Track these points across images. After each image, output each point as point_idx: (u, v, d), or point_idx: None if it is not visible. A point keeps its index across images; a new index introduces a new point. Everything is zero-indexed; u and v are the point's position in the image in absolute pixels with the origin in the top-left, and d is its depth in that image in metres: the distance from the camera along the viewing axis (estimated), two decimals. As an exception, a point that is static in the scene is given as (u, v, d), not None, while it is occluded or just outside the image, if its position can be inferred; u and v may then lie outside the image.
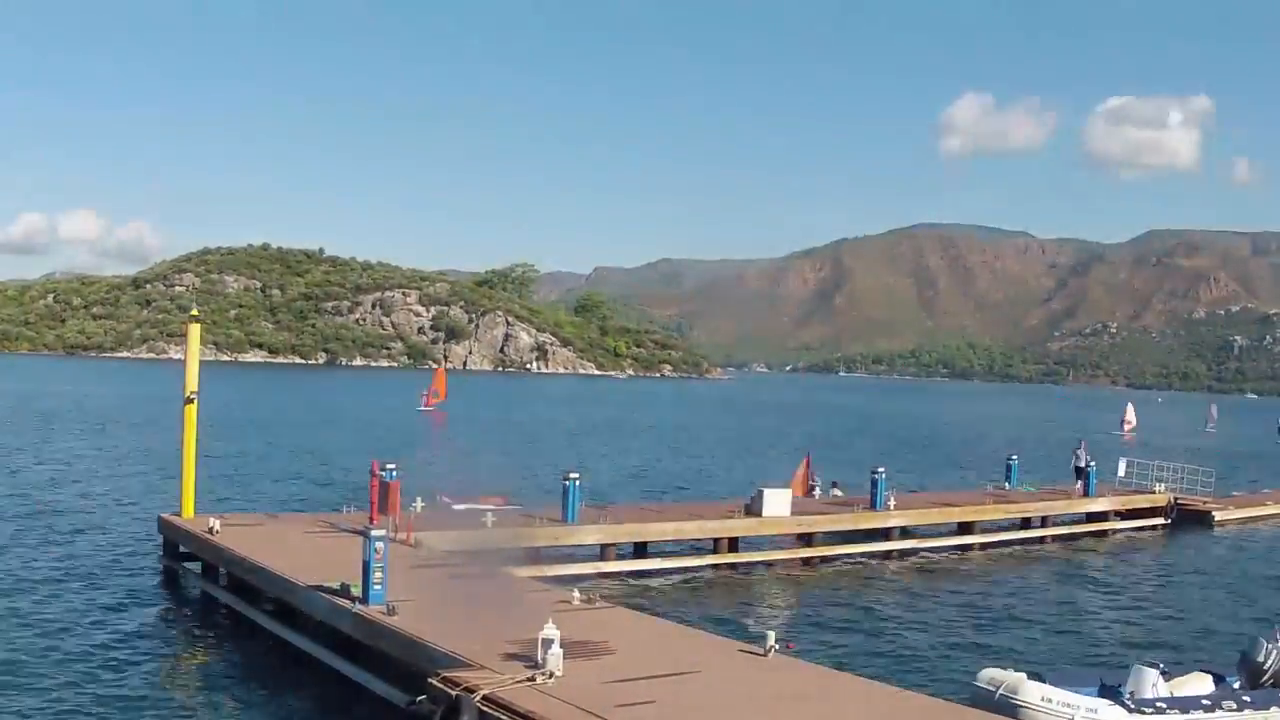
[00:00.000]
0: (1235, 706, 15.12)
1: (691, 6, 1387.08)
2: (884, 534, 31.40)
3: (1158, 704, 14.78)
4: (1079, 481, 38.53)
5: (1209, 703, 15.09)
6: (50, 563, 24.51)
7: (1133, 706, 14.60)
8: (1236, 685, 15.73)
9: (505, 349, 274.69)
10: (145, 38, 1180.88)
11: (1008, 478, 40.59)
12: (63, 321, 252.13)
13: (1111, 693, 15.13)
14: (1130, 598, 27.03)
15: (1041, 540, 34.98)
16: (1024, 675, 15.11)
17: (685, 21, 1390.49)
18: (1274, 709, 15.32)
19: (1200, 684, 15.77)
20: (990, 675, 15.23)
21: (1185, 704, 14.93)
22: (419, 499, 25.60)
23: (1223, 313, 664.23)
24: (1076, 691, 14.82)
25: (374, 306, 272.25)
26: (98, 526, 29.45)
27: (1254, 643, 16.34)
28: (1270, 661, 15.79)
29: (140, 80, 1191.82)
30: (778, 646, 15.16)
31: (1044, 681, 14.95)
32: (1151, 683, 15.16)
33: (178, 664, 17.86)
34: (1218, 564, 32.78)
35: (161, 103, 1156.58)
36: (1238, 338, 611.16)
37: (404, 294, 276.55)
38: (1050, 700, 14.41)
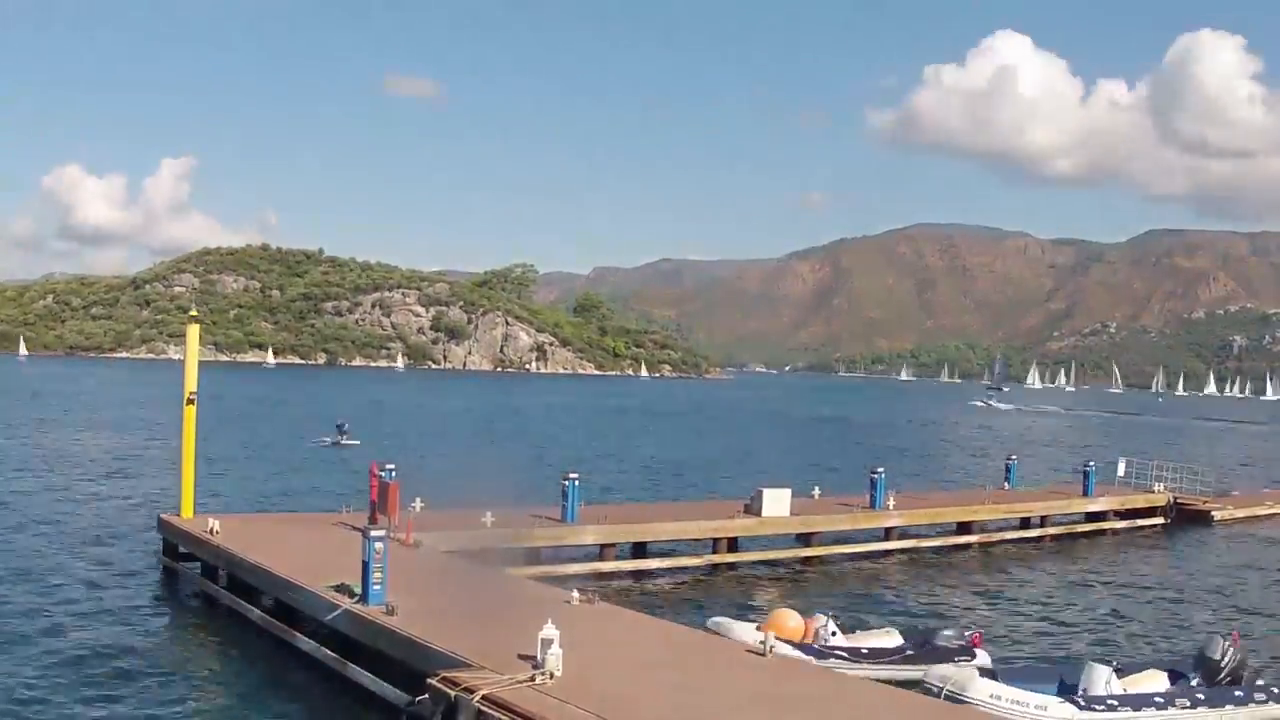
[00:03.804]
0: (1189, 704, 15.23)
1: (691, 7, 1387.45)
2: (883, 534, 31.42)
3: (1109, 701, 14.86)
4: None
5: (1162, 700, 15.20)
6: (50, 562, 24.51)
7: (1083, 704, 14.63)
8: (1194, 683, 15.86)
9: (504, 349, 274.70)
10: (141, 36, 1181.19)
11: (1007, 478, 40.64)
12: (62, 322, 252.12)
13: (1070, 690, 15.21)
14: (1128, 597, 27.02)
15: (1040, 540, 34.99)
16: (974, 671, 15.15)
17: (685, 22, 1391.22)
18: (1228, 707, 15.50)
19: (1155, 682, 15.90)
20: (940, 672, 15.24)
21: (1138, 701, 15.04)
22: (418, 499, 25.60)
23: (1222, 313, 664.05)
24: (1033, 688, 14.87)
25: (373, 307, 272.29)
26: (97, 527, 29.44)
27: (1210, 641, 16.63)
28: (1226, 660, 16.02)
29: (139, 80, 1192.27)
30: (774, 645, 15.18)
31: (996, 678, 14.97)
32: (1104, 680, 15.29)
33: (177, 664, 17.82)
34: (1216, 563, 32.79)
35: (161, 103, 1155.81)
36: (1237, 338, 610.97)
37: (403, 294, 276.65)
38: (999, 697, 14.40)
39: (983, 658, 17.76)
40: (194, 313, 27.46)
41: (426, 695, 13.46)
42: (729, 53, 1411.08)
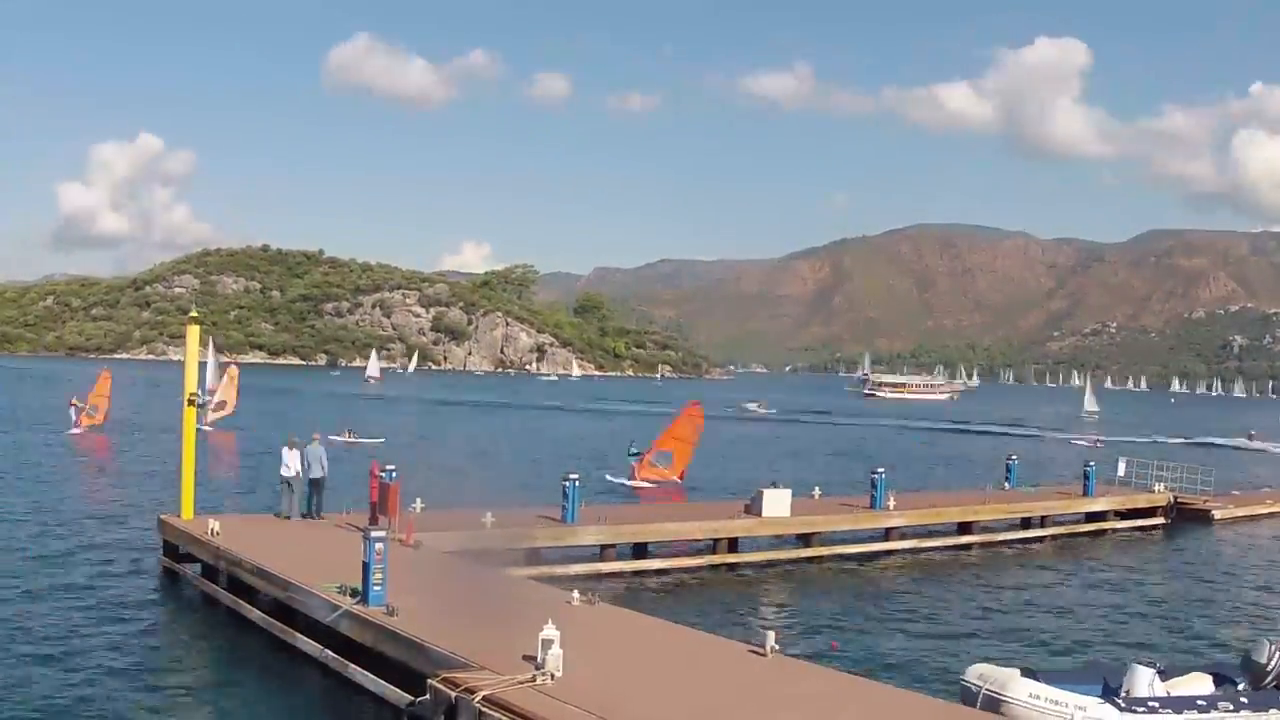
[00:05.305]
0: (1232, 708, 14.80)
1: (691, 6, 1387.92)
2: (884, 534, 31.43)
3: (1150, 703, 14.52)
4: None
5: (1204, 703, 14.80)
6: (50, 563, 24.49)
7: (1124, 705, 14.34)
8: (1240, 686, 15.44)
9: (505, 350, 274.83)
10: (138, 37, 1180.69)
11: (1007, 478, 40.64)
12: (63, 323, 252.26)
13: (1111, 692, 15.00)
14: (1130, 597, 27.02)
15: (1041, 540, 34.98)
16: (1014, 671, 14.97)
17: (685, 21, 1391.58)
18: (1273, 711, 15.00)
19: (1200, 684, 15.48)
20: (979, 671, 15.05)
21: (1179, 704, 14.66)
22: (419, 500, 25.63)
23: (1222, 312, 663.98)
24: (1073, 689, 14.71)
25: (374, 307, 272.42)
26: (97, 527, 29.44)
27: (1257, 644, 16.05)
28: (1274, 663, 15.44)
29: (139, 82, 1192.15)
30: (778, 646, 15.17)
31: (1037, 678, 14.81)
32: (1147, 682, 14.91)
33: (178, 665, 17.85)
34: (1218, 563, 32.78)
35: (161, 103, 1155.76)
36: (1237, 337, 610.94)
37: (404, 295, 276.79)
38: (1038, 697, 14.17)
39: None
40: (194, 314, 27.46)
41: (427, 696, 13.49)
42: (729, 50, 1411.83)
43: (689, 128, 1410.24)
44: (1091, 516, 37.88)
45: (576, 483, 26.54)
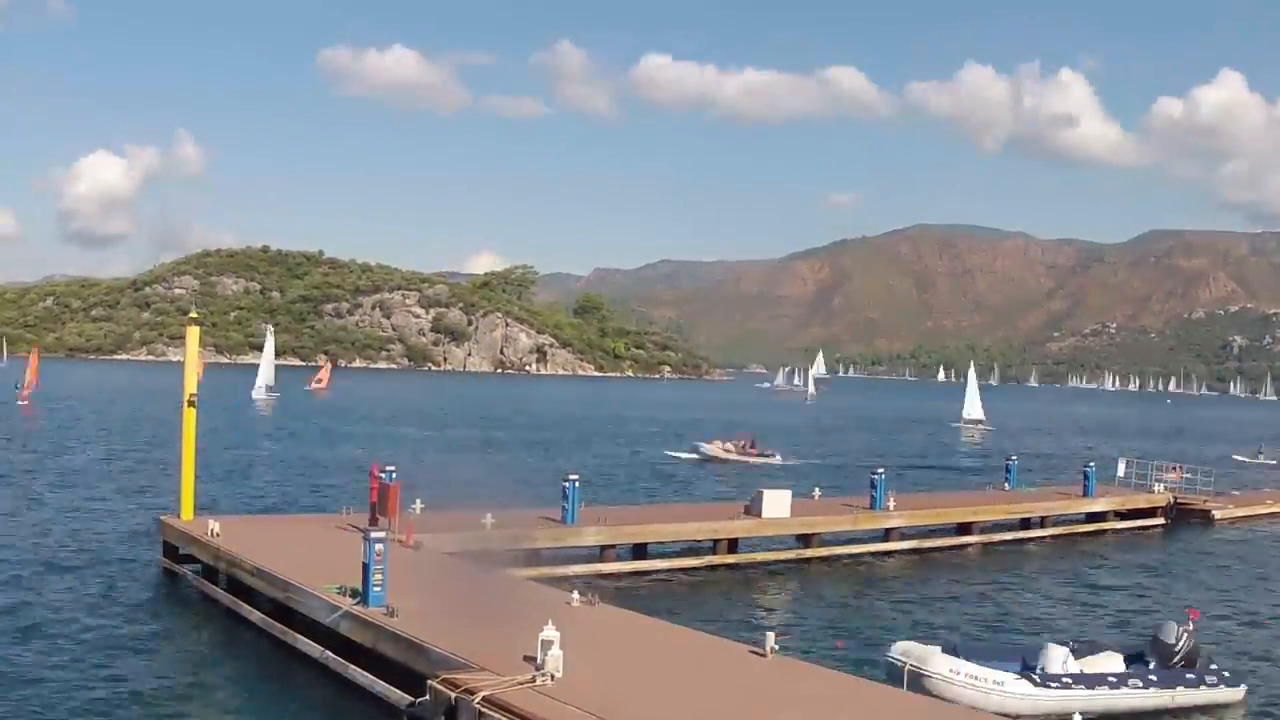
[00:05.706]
0: (1141, 685, 15.71)
1: (691, 6, 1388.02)
2: (884, 534, 31.42)
3: (1064, 679, 15.23)
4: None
5: (1115, 680, 15.61)
6: (49, 564, 24.49)
7: (1039, 680, 15.00)
8: (1150, 665, 16.31)
9: (504, 350, 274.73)
10: (139, 37, 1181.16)
11: (1007, 478, 40.65)
12: (63, 324, 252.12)
13: (1028, 669, 15.57)
14: (1130, 597, 27.03)
15: (1041, 540, 34.99)
16: (935, 647, 15.34)
17: (686, 19, 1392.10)
18: (1179, 688, 16.00)
19: (1110, 662, 16.27)
20: (903, 647, 15.45)
21: (1092, 680, 15.44)
22: (418, 500, 25.62)
23: (1221, 313, 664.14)
24: (992, 665, 15.16)
25: (374, 308, 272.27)
26: (97, 528, 29.42)
27: (1164, 625, 17.13)
28: (1180, 644, 16.50)
29: (141, 82, 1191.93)
30: (778, 647, 15.18)
31: (958, 654, 15.17)
32: (1061, 660, 15.66)
33: (177, 666, 17.83)
34: (1217, 562, 32.78)
35: (162, 104, 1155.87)
36: (1237, 338, 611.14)
37: (403, 296, 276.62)
38: (958, 672, 14.64)
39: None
40: (194, 314, 27.47)
41: (427, 697, 13.48)
42: (729, 50, 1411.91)
43: (690, 127, 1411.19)
44: (1091, 517, 37.90)
45: (577, 483, 26.52)
